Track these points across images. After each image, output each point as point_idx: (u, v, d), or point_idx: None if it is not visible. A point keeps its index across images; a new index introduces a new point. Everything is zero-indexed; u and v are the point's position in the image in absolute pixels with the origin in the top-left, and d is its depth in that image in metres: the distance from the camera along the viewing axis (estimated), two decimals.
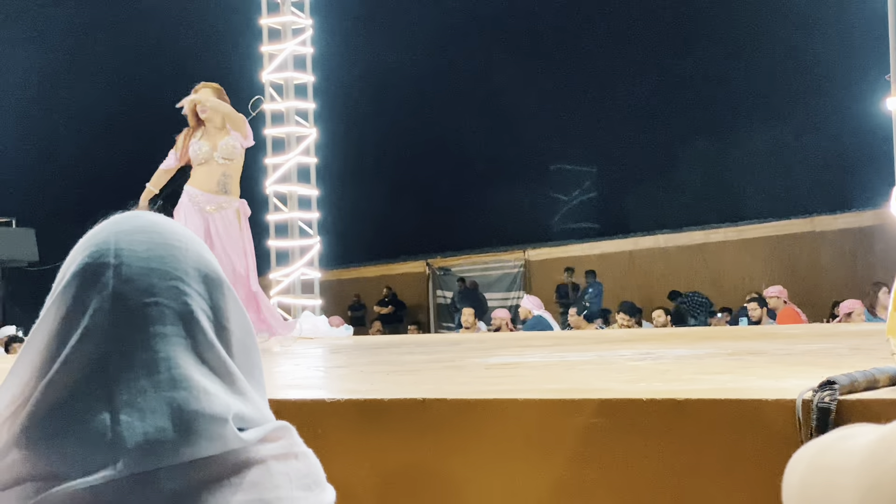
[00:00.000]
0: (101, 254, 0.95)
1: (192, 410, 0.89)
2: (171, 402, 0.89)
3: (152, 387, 0.89)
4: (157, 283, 0.94)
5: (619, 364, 3.58)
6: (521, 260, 20.26)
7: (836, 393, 1.92)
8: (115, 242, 0.95)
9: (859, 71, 18.38)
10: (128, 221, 0.99)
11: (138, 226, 0.98)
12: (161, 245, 0.97)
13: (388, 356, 5.11)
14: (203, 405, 0.90)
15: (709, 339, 5.43)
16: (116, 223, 0.99)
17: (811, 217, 17.19)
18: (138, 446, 0.87)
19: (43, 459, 0.88)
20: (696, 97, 24.90)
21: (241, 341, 0.99)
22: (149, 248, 0.96)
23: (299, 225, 11.98)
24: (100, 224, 1.00)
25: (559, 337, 7.83)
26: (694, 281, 17.17)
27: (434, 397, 2.31)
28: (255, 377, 1.00)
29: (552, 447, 2.15)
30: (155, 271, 0.94)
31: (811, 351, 3.92)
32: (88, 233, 0.99)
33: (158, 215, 1.02)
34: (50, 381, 0.90)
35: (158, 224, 0.99)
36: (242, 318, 1.00)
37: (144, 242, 0.96)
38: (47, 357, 0.91)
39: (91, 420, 0.88)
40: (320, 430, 2.30)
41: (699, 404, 2.06)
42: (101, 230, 0.98)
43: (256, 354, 1.02)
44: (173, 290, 0.94)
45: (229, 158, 6.58)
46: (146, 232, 0.97)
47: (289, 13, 12.11)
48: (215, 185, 6.58)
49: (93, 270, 0.94)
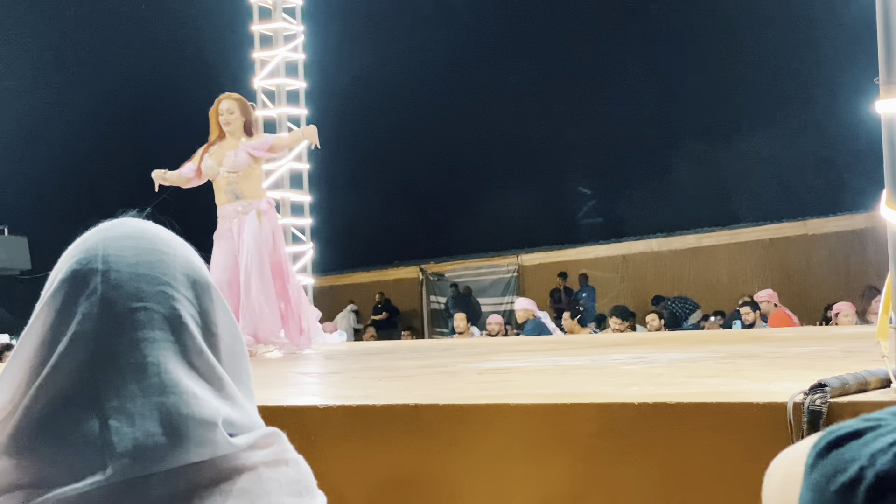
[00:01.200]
0: (90, 260, 0.95)
1: (182, 415, 0.89)
2: (161, 407, 0.89)
3: (141, 392, 0.89)
4: (145, 289, 0.94)
5: (612, 368, 3.59)
6: (515, 265, 20.26)
7: (826, 396, 1.93)
8: (103, 248, 0.96)
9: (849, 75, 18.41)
10: (116, 228, 0.99)
11: (126, 232, 0.98)
12: (149, 251, 0.97)
13: (381, 362, 5.11)
14: (192, 410, 0.90)
15: (701, 343, 5.44)
16: (105, 230, 0.99)
17: (804, 220, 17.21)
18: (128, 452, 0.87)
19: (32, 466, 0.88)
20: (689, 101, 24.93)
21: (230, 346, 0.99)
22: (137, 254, 0.96)
23: (292, 231, 11.96)
24: (89, 231, 1.00)
25: (552, 341, 7.83)
26: (687, 284, 17.19)
27: (427, 403, 2.31)
28: (244, 382, 1.01)
29: (545, 452, 2.15)
30: (143, 276, 0.95)
31: (803, 354, 3.93)
32: (77, 239, 0.99)
33: (147, 222, 1.02)
34: (39, 387, 0.90)
35: (146, 230, 1.00)
36: (231, 324, 1.00)
37: (132, 248, 0.96)
38: (36, 363, 0.91)
39: (80, 426, 0.88)
40: (313, 437, 2.30)
41: (691, 408, 2.06)
42: (89, 237, 0.98)
43: (245, 360, 1.02)
44: (161, 295, 0.94)
45: (234, 171, 6.62)
46: (134, 238, 0.98)
47: (280, 20, 12.11)
48: (225, 196, 6.64)
49: (81, 276, 0.94)
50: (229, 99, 6.81)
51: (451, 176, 27.15)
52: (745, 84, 24.49)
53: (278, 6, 12.08)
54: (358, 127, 24.73)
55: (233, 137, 6.72)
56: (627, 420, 2.10)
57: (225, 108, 6.74)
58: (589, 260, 19.03)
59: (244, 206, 6.62)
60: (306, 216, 12.15)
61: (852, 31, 17.67)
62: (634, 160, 25.65)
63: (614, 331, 11.12)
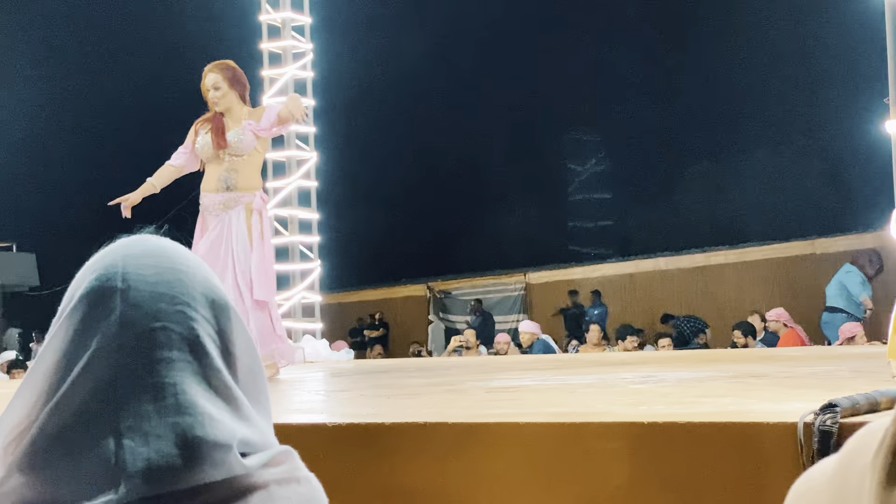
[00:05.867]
0: (109, 277, 0.95)
1: (197, 436, 0.89)
2: (176, 428, 0.89)
3: (157, 412, 0.89)
4: (164, 308, 0.94)
5: (621, 387, 3.58)
6: (522, 283, 20.24)
7: (837, 416, 1.92)
8: (122, 266, 0.96)
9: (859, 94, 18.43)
10: (135, 245, 0.99)
11: (146, 250, 0.98)
12: (168, 270, 0.97)
13: (389, 380, 5.11)
14: (208, 431, 0.90)
15: (710, 362, 5.43)
16: (124, 247, 0.99)
17: (811, 240, 17.18)
18: (141, 472, 0.87)
19: (45, 483, 0.88)
20: (697, 120, 24.95)
21: (248, 366, 1.00)
22: (157, 273, 0.96)
23: (300, 248, 11.98)
24: (107, 247, 1.00)
25: (560, 360, 7.82)
26: (694, 303, 17.15)
27: (436, 421, 2.31)
28: (261, 402, 1.01)
29: (554, 470, 2.14)
30: (162, 296, 0.95)
31: (813, 373, 3.92)
32: (95, 255, 0.99)
33: (165, 239, 1.02)
34: (56, 404, 0.90)
35: (166, 248, 1.00)
36: (248, 344, 1.01)
37: (152, 267, 0.97)
38: (54, 381, 0.91)
39: (96, 445, 0.88)
40: (322, 455, 2.29)
41: (701, 427, 2.05)
42: (108, 253, 0.98)
43: (263, 380, 1.02)
44: (180, 315, 0.95)
45: (237, 154, 5.67)
46: (154, 256, 0.98)
47: (289, 38, 12.15)
48: (216, 182, 5.69)
49: (100, 294, 0.94)
50: (214, 70, 5.73)
51: (460, 194, 27.18)
52: (753, 103, 24.51)
53: (287, 24, 12.13)
54: (366, 145, 24.79)
55: (230, 115, 5.71)
56: (637, 439, 2.09)
57: (210, 83, 5.69)
58: (597, 278, 19.01)
59: (232, 198, 5.65)
60: (314, 234, 12.16)
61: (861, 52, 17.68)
62: (643, 179, 25.66)
63: (627, 349, 11.10)
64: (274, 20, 12.23)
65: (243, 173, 5.69)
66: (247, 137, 5.65)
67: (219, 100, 5.68)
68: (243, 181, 5.68)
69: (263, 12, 12.22)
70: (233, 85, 5.72)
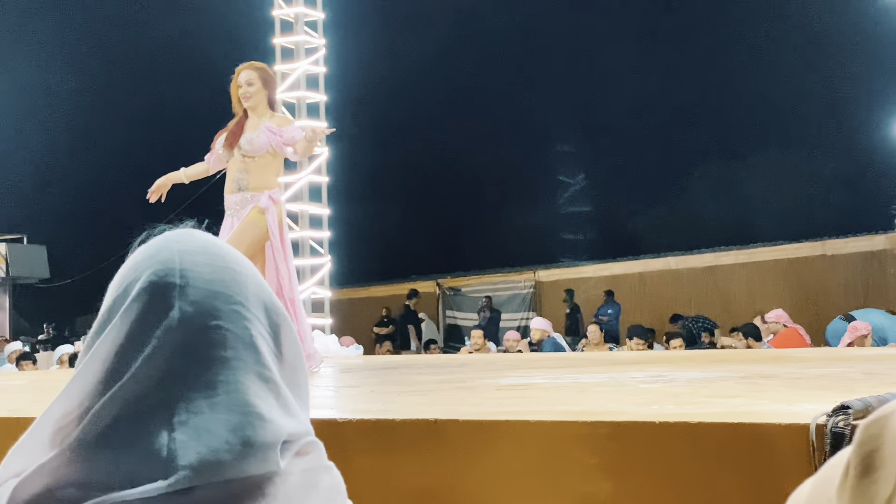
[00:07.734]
0: (167, 272, 0.97)
1: (247, 435, 0.92)
2: (227, 425, 0.92)
3: (210, 409, 0.93)
4: (220, 307, 0.97)
5: (632, 386, 3.57)
6: (532, 281, 20.24)
7: (850, 418, 1.92)
8: (179, 262, 0.98)
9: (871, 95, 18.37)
10: (188, 241, 1.01)
11: (200, 246, 1.01)
12: (223, 269, 1.00)
13: (398, 376, 5.11)
14: (257, 430, 0.93)
15: (721, 362, 5.42)
16: (177, 241, 1.01)
17: (822, 240, 17.14)
18: (190, 465, 0.90)
19: (94, 469, 0.90)
20: (708, 120, 24.91)
21: (292, 365, 1.03)
22: (212, 271, 0.99)
23: (310, 244, 12.00)
24: (154, 239, 1.02)
25: (570, 358, 7.81)
26: (704, 303, 17.13)
27: (446, 418, 2.31)
28: (302, 398, 1.04)
29: (565, 469, 2.14)
30: (219, 295, 0.97)
31: (823, 375, 3.91)
32: (146, 247, 1.02)
33: (210, 235, 1.05)
34: (112, 395, 0.92)
35: (218, 246, 1.03)
36: (295, 344, 1.04)
37: (208, 265, 0.99)
38: (112, 371, 0.94)
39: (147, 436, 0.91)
40: (331, 450, 2.30)
41: (712, 428, 2.05)
42: (161, 247, 1.00)
43: (304, 377, 1.06)
44: (235, 315, 0.97)
45: (250, 155, 5.72)
46: (208, 254, 1.00)
47: (302, 33, 12.17)
48: (231, 183, 5.78)
49: (159, 289, 0.96)
50: (250, 68, 5.86)
51: (470, 191, 27.18)
52: (764, 103, 24.45)
53: (300, 19, 12.15)
54: (377, 141, 24.80)
55: (254, 114, 5.80)
56: (648, 438, 2.09)
57: (244, 79, 5.81)
58: (606, 277, 19.00)
59: (245, 198, 5.71)
60: (325, 229, 12.18)
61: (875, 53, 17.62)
62: (652, 178, 25.62)
63: (632, 349, 11.08)
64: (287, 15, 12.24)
65: (255, 174, 5.73)
66: (261, 139, 5.70)
67: (251, 95, 5.78)
68: (254, 182, 5.71)
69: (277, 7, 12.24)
70: (265, 85, 5.85)
